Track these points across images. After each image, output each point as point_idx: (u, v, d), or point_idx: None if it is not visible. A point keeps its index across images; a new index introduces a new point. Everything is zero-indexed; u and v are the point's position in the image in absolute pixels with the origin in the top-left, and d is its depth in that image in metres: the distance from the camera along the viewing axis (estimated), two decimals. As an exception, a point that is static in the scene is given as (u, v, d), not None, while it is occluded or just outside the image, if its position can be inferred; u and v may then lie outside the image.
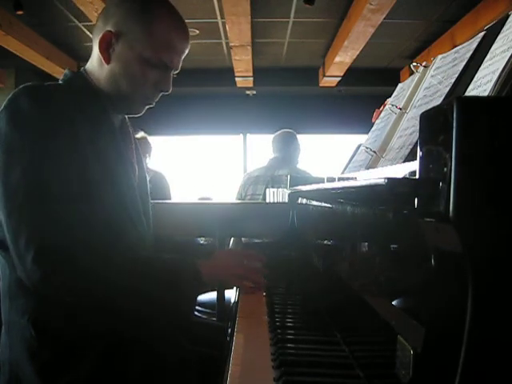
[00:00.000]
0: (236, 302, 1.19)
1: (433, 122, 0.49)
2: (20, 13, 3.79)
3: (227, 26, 4.06)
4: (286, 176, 2.04)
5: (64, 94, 1.09)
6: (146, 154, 4.06)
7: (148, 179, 1.34)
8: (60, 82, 1.17)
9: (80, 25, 4.34)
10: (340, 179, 1.41)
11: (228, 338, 0.92)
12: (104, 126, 1.14)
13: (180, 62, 1.20)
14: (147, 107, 1.22)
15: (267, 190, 3.13)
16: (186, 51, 1.21)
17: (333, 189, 1.02)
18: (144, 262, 1.08)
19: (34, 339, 0.99)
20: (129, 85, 1.14)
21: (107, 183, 1.08)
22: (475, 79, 0.94)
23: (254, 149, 6.63)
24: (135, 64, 1.12)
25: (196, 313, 2.03)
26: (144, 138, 4.09)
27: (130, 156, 1.23)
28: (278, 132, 3.70)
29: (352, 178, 1.32)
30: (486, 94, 0.85)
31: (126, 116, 1.27)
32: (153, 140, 4.43)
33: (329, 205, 1.11)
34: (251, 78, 5.64)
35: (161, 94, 1.21)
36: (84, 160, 1.03)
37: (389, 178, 0.53)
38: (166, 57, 1.14)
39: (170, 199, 4.10)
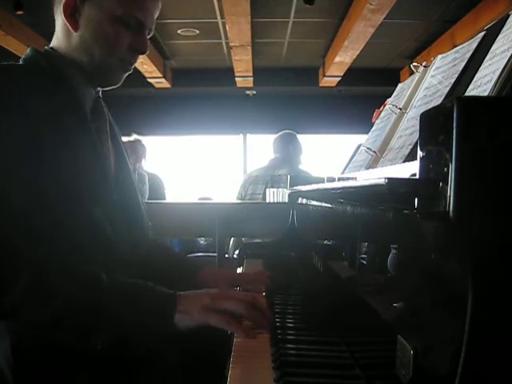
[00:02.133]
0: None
1: (433, 122, 0.50)
2: (20, 13, 3.79)
3: (227, 26, 4.06)
4: (286, 176, 2.04)
5: (19, 74, 1.00)
6: (141, 156, 4.13)
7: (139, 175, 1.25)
8: (20, 62, 1.07)
9: (80, 25, 4.35)
10: (340, 179, 1.41)
11: (228, 339, 0.92)
12: (69, 109, 1.03)
13: (154, 23, 1.11)
14: (125, 75, 1.12)
15: (267, 190, 3.13)
16: (158, 11, 1.11)
17: (333, 189, 1.02)
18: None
19: (9, 369, 0.92)
20: (103, 50, 1.04)
21: (77, 172, 0.98)
22: (475, 79, 0.94)
23: (254, 149, 6.64)
24: (107, 25, 1.03)
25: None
26: (138, 141, 4.13)
27: (103, 140, 1.11)
28: (279, 133, 3.70)
29: (352, 178, 1.32)
30: (486, 93, 0.85)
31: (101, 93, 1.16)
32: (153, 140, 4.46)
33: (329, 205, 1.11)
34: (251, 78, 5.64)
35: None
36: (36, 150, 0.92)
37: (389, 178, 0.53)
38: (140, 14, 1.05)
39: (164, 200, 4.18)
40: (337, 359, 0.82)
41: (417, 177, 0.51)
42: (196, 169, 6.65)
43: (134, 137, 4.15)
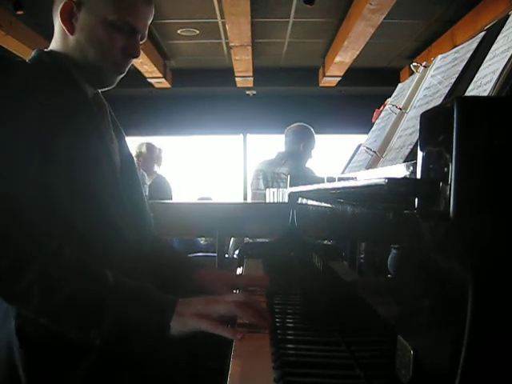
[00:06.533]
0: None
1: (433, 122, 0.50)
2: (20, 13, 3.79)
3: (227, 26, 4.06)
4: (285, 175, 2.04)
5: (30, 68, 1.07)
6: (145, 157, 4.17)
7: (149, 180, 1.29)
8: (27, 61, 1.12)
9: (80, 25, 4.35)
10: (340, 179, 1.41)
11: (228, 339, 0.92)
12: (77, 99, 1.10)
13: (146, 29, 1.16)
14: (119, 77, 1.17)
15: (267, 190, 3.12)
16: (151, 17, 1.16)
17: (333, 189, 1.02)
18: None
19: (18, 352, 0.94)
20: (97, 52, 1.10)
21: (87, 161, 1.03)
22: (475, 79, 0.94)
23: (254, 149, 6.63)
24: (101, 29, 1.08)
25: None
26: (148, 143, 4.21)
27: (107, 129, 1.17)
28: (293, 125, 3.58)
29: (352, 178, 1.32)
30: (486, 93, 0.85)
31: (100, 90, 1.21)
32: (153, 140, 4.48)
33: (329, 205, 1.11)
34: (251, 78, 5.64)
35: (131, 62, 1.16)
36: (49, 143, 0.97)
37: (389, 178, 0.53)
38: (132, 19, 1.10)
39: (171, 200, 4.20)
40: (337, 359, 0.82)
41: (417, 177, 0.51)
42: (196, 169, 6.64)
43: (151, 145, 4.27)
